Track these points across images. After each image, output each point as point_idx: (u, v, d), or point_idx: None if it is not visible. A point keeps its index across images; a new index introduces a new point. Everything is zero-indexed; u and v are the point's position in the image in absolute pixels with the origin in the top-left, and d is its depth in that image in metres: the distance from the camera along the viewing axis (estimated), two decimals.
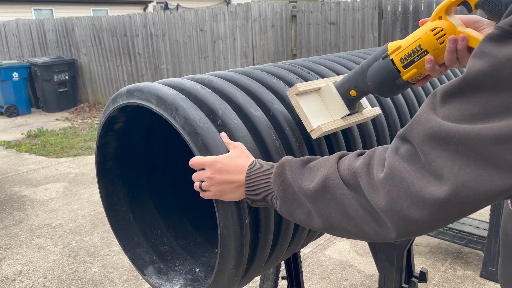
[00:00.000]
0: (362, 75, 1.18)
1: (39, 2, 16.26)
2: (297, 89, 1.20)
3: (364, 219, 0.79)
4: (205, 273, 1.53)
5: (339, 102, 1.24)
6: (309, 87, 1.23)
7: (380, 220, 0.77)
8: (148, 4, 19.17)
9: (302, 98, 1.22)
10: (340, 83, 1.25)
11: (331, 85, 1.25)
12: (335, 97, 1.24)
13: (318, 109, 1.25)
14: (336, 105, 1.25)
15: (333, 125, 1.22)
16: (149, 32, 9.31)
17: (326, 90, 1.26)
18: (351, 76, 1.22)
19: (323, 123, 1.20)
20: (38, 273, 3.58)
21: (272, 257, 1.29)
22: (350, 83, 1.22)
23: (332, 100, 1.25)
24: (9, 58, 12.16)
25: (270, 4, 7.97)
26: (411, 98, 1.73)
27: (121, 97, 1.35)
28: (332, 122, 1.23)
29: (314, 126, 1.20)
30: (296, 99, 1.21)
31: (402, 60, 1.11)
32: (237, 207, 1.10)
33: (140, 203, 1.68)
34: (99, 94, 10.63)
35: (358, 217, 0.80)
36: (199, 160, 1.08)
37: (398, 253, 1.85)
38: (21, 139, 8.09)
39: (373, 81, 1.16)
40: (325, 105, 1.27)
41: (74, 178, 5.85)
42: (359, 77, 1.20)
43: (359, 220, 0.80)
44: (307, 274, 3.41)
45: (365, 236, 0.81)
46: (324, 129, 1.19)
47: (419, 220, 0.71)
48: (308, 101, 1.23)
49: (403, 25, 6.96)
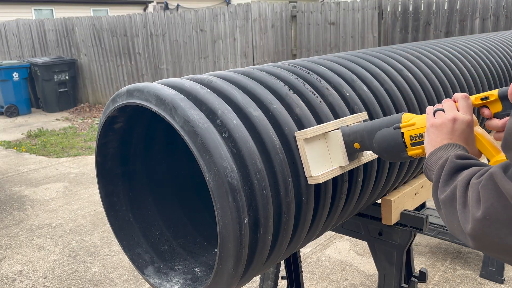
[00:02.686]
0: (370, 134, 1.21)
1: (39, 2, 16.26)
2: (306, 134, 1.22)
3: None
4: (205, 272, 1.53)
5: (342, 153, 1.28)
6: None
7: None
8: (148, 4, 19.17)
9: (308, 142, 1.25)
10: (347, 132, 1.28)
11: (339, 134, 1.28)
12: (339, 147, 1.28)
13: (321, 155, 1.29)
14: (338, 154, 1.29)
15: (330, 174, 1.28)
16: (149, 32, 9.31)
17: (333, 137, 1.29)
18: (359, 130, 1.25)
19: (321, 173, 1.24)
20: (38, 273, 3.58)
21: (271, 256, 1.29)
22: (357, 136, 1.25)
23: (336, 149, 1.29)
24: (9, 58, 12.16)
25: (270, 4, 7.97)
26: (411, 99, 1.74)
27: (121, 97, 1.35)
28: (330, 171, 1.28)
29: (312, 174, 1.25)
30: (302, 143, 1.24)
31: (412, 137, 1.14)
32: (236, 207, 1.11)
33: (140, 203, 1.68)
34: (99, 94, 10.63)
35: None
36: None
37: (398, 253, 1.85)
38: (21, 139, 8.09)
39: (379, 145, 1.19)
40: (328, 150, 1.30)
41: (74, 178, 5.85)
42: (366, 134, 1.22)
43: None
44: (307, 274, 3.41)
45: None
46: (321, 180, 1.24)
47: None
48: (313, 146, 1.26)
49: (403, 25, 6.96)
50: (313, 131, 1.24)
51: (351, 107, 1.51)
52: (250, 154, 1.15)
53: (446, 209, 0.89)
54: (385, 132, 1.18)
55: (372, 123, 1.23)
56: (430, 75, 1.91)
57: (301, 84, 1.46)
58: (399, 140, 1.14)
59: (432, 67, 1.98)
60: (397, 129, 1.15)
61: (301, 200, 1.28)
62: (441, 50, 2.17)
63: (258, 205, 1.15)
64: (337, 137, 1.28)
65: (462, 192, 0.85)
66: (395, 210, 1.77)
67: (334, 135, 1.29)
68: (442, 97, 1.89)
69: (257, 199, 1.15)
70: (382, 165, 1.59)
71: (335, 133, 1.29)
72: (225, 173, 1.10)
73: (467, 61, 2.18)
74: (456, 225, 0.86)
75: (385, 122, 1.19)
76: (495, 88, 2.26)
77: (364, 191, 1.54)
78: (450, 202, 0.88)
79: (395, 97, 1.68)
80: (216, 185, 1.11)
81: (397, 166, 1.68)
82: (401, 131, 1.14)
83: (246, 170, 1.14)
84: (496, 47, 2.55)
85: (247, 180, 1.14)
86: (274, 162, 1.20)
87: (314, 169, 1.26)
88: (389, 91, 1.68)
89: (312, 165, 1.26)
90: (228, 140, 1.15)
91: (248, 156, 1.15)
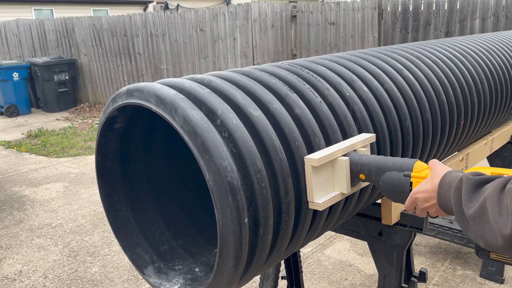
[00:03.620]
0: (378, 171, 1.21)
1: (39, 2, 16.27)
2: (315, 162, 1.22)
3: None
4: (205, 272, 1.53)
5: (346, 181, 1.28)
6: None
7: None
8: (148, 4, 19.17)
9: (316, 169, 1.25)
10: (356, 161, 1.28)
11: (347, 162, 1.27)
12: (344, 175, 1.28)
13: (326, 180, 1.30)
14: (342, 181, 1.29)
15: (331, 201, 1.30)
16: (149, 32, 9.31)
17: (340, 163, 1.29)
18: (368, 163, 1.24)
19: (323, 201, 1.26)
20: (38, 273, 3.58)
21: (271, 256, 1.29)
22: (364, 168, 1.25)
23: (341, 176, 1.29)
24: (9, 58, 12.17)
25: (270, 4, 7.97)
26: (411, 99, 1.74)
27: (121, 97, 1.35)
28: (332, 198, 1.29)
29: (314, 200, 1.26)
30: (310, 169, 1.24)
31: None
32: (236, 207, 1.11)
33: (140, 203, 1.68)
34: (99, 94, 10.63)
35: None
36: (408, 203, 1.12)
37: (398, 252, 1.85)
38: (21, 139, 8.09)
39: (385, 186, 1.19)
40: (333, 175, 1.31)
41: (74, 178, 5.85)
42: (374, 170, 1.22)
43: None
44: (307, 274, 3.41)
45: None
46: (322, 208, 1.26)
47: None
48: (320, 172, 1.27)
49: (403, 25, 6.96)
50: (323, 160, 1.24)
51: (351, 107, 1.51)
52: (250, 154, 1.15)
53: (476, 224, 0.89)
54: (394, 176, 1.17)
55: (382, 161, 1.21)
56: (430, 75, 1.91)
57: (301, 84, 1.46)
58: (407, 188, 1.14)
59: (432, 67, 1.98)
60: (407, 177, 1.15)
61: (301, 200, 1.28)
62: (441, 50, 2.17)
63: (258, 205, 1.15)
64: (344, 164, 1.28)
65: (495, 202, 0.85)
66: (395, 210, 1.77)
67: (342, 162, 1.29)
68: (442, 97, 1.89)
69: (257, 199, 1.15)
70: None
71: (343, 161, 1.28)
72: (225, 173, 1.10)
73: (467, 61, 2.18)
74: (489, 236, 0.86)
75: (396, 165, 1.18)
76: (495, 88, 2.26)
77: (364, 191, 1.54)
78: (480, 216, 0.88)
79: (395, 97, 1.68)
80: (216, 185, 1.11)
81: None
82: (411, 180, 1.14)
83: (246, 170, 1.14)
84: (496, 47, 2.55)
85: (247, 180, 1.14)
86: (274, 162, 1.20)
87: (317, 195, 1.27)
88: (389, 91, 1.68)
89: (316, 191, 1.27)
90: (228, 140, 1.15)
91: (248, 156, 1.15)
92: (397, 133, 1.63)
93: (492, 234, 0.85)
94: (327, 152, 1.26)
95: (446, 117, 1.91)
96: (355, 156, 1.29)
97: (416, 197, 1.09)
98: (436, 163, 1.11)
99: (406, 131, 1.68)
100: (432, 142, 1.86)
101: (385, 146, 1.58)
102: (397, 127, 1.63)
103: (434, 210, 1.07)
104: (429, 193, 1.06)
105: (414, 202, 1.11)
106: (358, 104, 1.53)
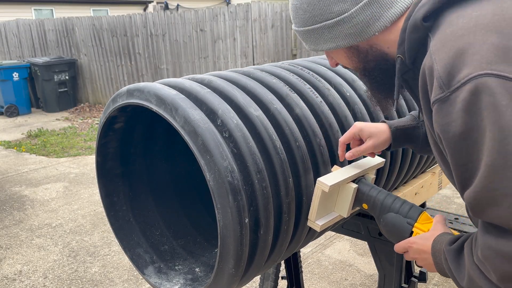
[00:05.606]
0: (383, 209, 1.21)
1: (39, 2, 16.26)
2: (327, 188, 1.22)
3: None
4: (205, 272, 1.53)
5: (349, 207, 1.29)
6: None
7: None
8: (148, 4, 19.17)
9: (324, 194, 1.26)
10: (364, 191, 1.27)
11: (354, 191, 1.27)
12: (348, 201, 1.29)
13: (329, 202, 1.31)
14: (345, 205, 1.30)
15: (330, 223, 1.32)
16: (149, 32, 9.31)
17: (348, 190, 1.29)
18: (375, 197, 1.24)
19: (322, 223, 1.29)
20: (38, 273, 3.58)
21: (271, 256, 1.29)
22: (369, 200, 1.25)
23: (345, 201, 1.30)
24: (9, 58, 12.16)
25: (270, 4, 7.97)
26: (411, 99, 1.74)
27: (121, 97, 1.35)
28: (331, 220, 1.31)
29: (314, 220, 1.28)
30: (319, 193, 1.25)
31: None
32: (237, 207, 1.10)
33: (140, 203, 1.68)
34: (99, 94, 10.63)
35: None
36: (400, 246, 1.15)
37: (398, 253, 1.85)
38: (21, 139, 8.09)
39: (385, 225, 1.20)
40: (337, 197, 1.32)
41: (74, 178, 5.85)
42: (379, 205, 1.22)
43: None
44: (307, 274, 3.41)
45: None
46: (319, 229, 1.29)
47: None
48: (327, 196, 1.28)
49: None
50: (334, 186, 1.23)
51: (351, 107, 1.51)
52: (250, 154, 1.15)
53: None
54: (397, 220, 1.19)
55: (391, 202, 1.21)
56: None
57: (301, 84, 1.46)
58: (406, 234, 1.16)
59: None
60: (410, 225, 1.16)
61: (301, 200, 1.28)
62: None
63: (258, 205, 1.15)
64: (352, 192, 1.28)
65: (476, 270, 0.88)
66: None
67: (350, 189, 1.28)
68: None
69: (257, 199, 1.15)
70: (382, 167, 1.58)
71: (352, 188, 1.28)
72: (225, 173, 1.10)
73: None
74: None
75: (403, 210, 1.19)
76: None
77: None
78: (472, 285, 0.90)
79: None
80: (216, 185, 1.11)
81: (397, 168, 1.67)
82: (412, 229, 1.16)
83: (246, 170, 1.14)
84: None
85: (248, 180, 1.14)
86: (275, 162, 1.20)
87: (318, 215, 1.29)
88: None
89: (318, 213, 1.28)
90: (229, 140, 1.15)
91: (249, 156, 1.15)
92: None
93: None
94: (339, 178, 1.26)
95: None
96: (365, 187, 1.29)
97: (411, 246, 1.11)
98: (439, 221, 1.13)
99: None
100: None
101: None
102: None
103: (423, 264, 1.11)
104: (423, 247, 1.08)
105: (407, 249, 1.13)
106: (358, 104, 1.53)
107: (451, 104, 0.80)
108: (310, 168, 1.29)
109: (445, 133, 0.83)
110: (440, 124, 0.83)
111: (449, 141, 0.83)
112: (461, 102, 0.78)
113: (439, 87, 0.82)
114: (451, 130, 0.81)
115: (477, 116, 0.77)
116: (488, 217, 0.82)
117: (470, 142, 0.79)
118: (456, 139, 0.81)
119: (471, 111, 0.77)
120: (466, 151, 0.81)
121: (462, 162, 0.83)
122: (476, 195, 0.81)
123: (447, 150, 0.85)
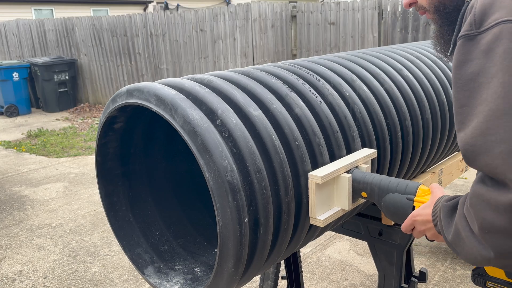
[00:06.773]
0: (381, 192, 1.22)
1: (39, 2, 16.26)
2: (319, 180, 1.23)
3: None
4: (205, 272, 1.53)
5: (348, 198, 1.30)
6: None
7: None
8: (148, 4, 19.16)
9: (319, 187, 1.26)
10: (359, 179, 1.29)
11: (350, 180, 1.29)
12: (346, 192, 1.30)
13: (328, 196, 1.31)
14: (344, 198, 1.31)
15: (332, 217, 1.32)
16: (149, 32, 9.31)
17: (343, 180, 1.30)
18: (371, 182, 1.25)
19: (324, 218, 1.29)
20: (38, 273, 3.58)
21: (271, 256, 1.29)
22: (367, 186, 1.26)
23: (343, 192, 1.31)
24: (9, 58, 12.16)
25: (270, 4, 7.97)
26: (411, 99, 1.74)
27: (121, 97, 1.35)
28: (333, 214, 1.32)
29: (316, 217, 1.28)
30: (313, 186, 1.25)
31: None
32: (236, 207, 1.11)
33: (140, 203, 1.68)
34: (99, 94, 10.63)
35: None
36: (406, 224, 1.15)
37: (398, 253, 1.85)
38: (21, 139, 8.09)
39: (387, 207, 1.20)
40: (335, 191, 1.33)
41: (74, 178, 5.85)
42: (377, 190, 1.23)
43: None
44: (307, 274, 3.41)
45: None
46: (323, 224, 1.29)
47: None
48: (323, 189, 1.28)
49: (403, 25, 6.96)
50: (326, 177, 1.25)
51: (350, 107, 1.51)
52: (250, 153, 1.15)
53: (457, 247, 0.93)
54: (397, 198, 1.19)
55: (387, 183, 1.22)
56: (430, 75, 1.91)
57: (301, 84, 1.46)
58: (409, 211, 1.16)
59: (432, 67, 1.98)
60: (410, 200, 1.17)
61: (301, 199, 1.28)
62: None
63: (258, 205, 1.15)
64: (347, 182, 1.29)
65: (464, 223, 0.89)
66: None
67: (344, 180, 1.30)
68: (441, 97, 1.89)
69: (257, 199, 1.15)
70: (382, 165, 1.59)
71: (346, 178, 1.29)
72: (225, 173, 1.10)
73: None
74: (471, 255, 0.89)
75: (400, 187, 1.20)
76: None
77: None
78: (458, 239, 0.91)
79: (394, 97, 1.68)
80: (216, 184, 1.11)
81: (397, 166, 1.68)
82: (413, 204, 1.16)
83: (246, 169, 1.14)
84: None
85: (247, 180, 1.14)
86: (274, 162, 1.20)
87: (319, 211, 1.29)
88: (389, 91, 1.68)
89: (318, 208, 1.28)
90: (228, 140, 1.15)
91: (248, 156, 1.15)
92: (397, 133, 1.63)
93: (472, 254, 0.88)
94: (330, 169, 1.27)
95: (446, 117, 1.91)
96: (358, 174, 1.30)
97: (415, 220, 1.12)
98: (436, 188, 1.14)
99: (406, 131, 1.68)
100: (432, 142, 1.86)
101: (385, 146, 1.58)
102: (397, 127, 1.63)
103: (430, 234, 1.11)
104: (427, 217, 1.09)
105: (412, 224, 1.14)
106: (358, 104, 1.53)
107: (474, 44, 0.83)
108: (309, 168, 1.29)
109: (457, 69, 0.86)
110: (457, 60, 0.87)
111: (458, 77, 0.86)
112: (484, 44, 0.82)
113: (470, 24, 0.85)
114: (464, 68, 0.84)
115: (491, 61, 0.80)
116: (479, 164, 0.83)
117: (476, 85, 0.82)
118: (465, 79, 0.84)
119: (488, 54, 0.81)
120: (470, 93, 0.84)
121: (463, 103, 0.85)
122: (471, 140, 0.83)
123: (453, 89, 0.88)
